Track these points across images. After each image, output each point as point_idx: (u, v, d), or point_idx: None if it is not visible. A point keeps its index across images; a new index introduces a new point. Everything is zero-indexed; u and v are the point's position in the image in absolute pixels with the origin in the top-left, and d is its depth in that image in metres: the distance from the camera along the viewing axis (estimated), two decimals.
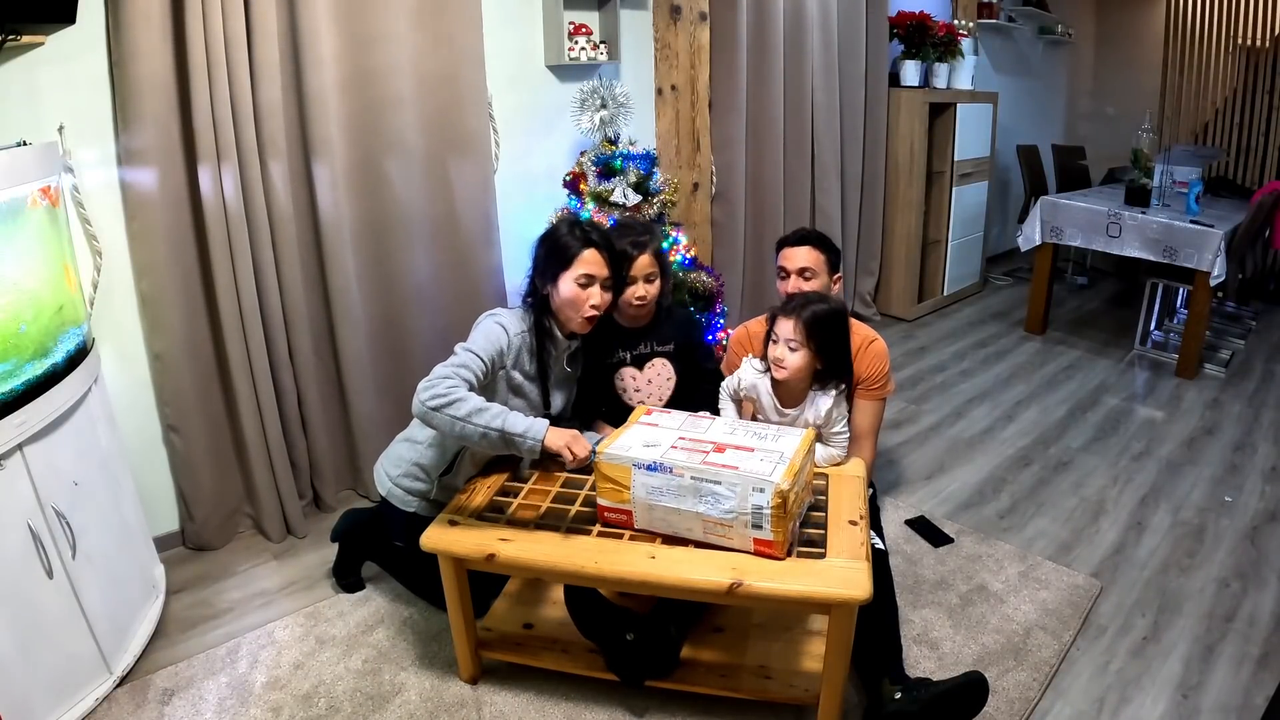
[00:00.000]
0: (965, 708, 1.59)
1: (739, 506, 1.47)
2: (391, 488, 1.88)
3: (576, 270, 1.76)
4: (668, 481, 1.52)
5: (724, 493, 1.48)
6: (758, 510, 1.46)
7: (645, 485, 1.54)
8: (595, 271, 1.77)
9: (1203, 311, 3.50)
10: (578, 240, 1.78)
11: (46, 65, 1.86)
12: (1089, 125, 6.10)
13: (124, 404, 2.05)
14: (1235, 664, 1.82)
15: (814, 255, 2.15)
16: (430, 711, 1.68)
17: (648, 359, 2.10)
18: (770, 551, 1.49)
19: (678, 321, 2.17)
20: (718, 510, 1.49)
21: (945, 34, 4.13)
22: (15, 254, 1.52)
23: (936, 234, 4.47)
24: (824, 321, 1.82)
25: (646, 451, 1.56)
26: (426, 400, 1.57)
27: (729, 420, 1.74)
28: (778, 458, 1.51)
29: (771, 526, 1.46)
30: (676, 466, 1.51)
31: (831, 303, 1.87)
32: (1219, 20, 5.22)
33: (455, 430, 1.57)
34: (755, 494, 1.45)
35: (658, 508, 1.55)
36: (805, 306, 1.83)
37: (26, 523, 1.52)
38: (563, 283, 1.77)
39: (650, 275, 1.99)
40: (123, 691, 1.73)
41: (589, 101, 2.62)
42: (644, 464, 1.53)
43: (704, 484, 1.49)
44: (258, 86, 2.07)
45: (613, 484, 1.57)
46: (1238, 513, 2.46)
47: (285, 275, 2.22)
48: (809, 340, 1.81)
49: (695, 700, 1.66)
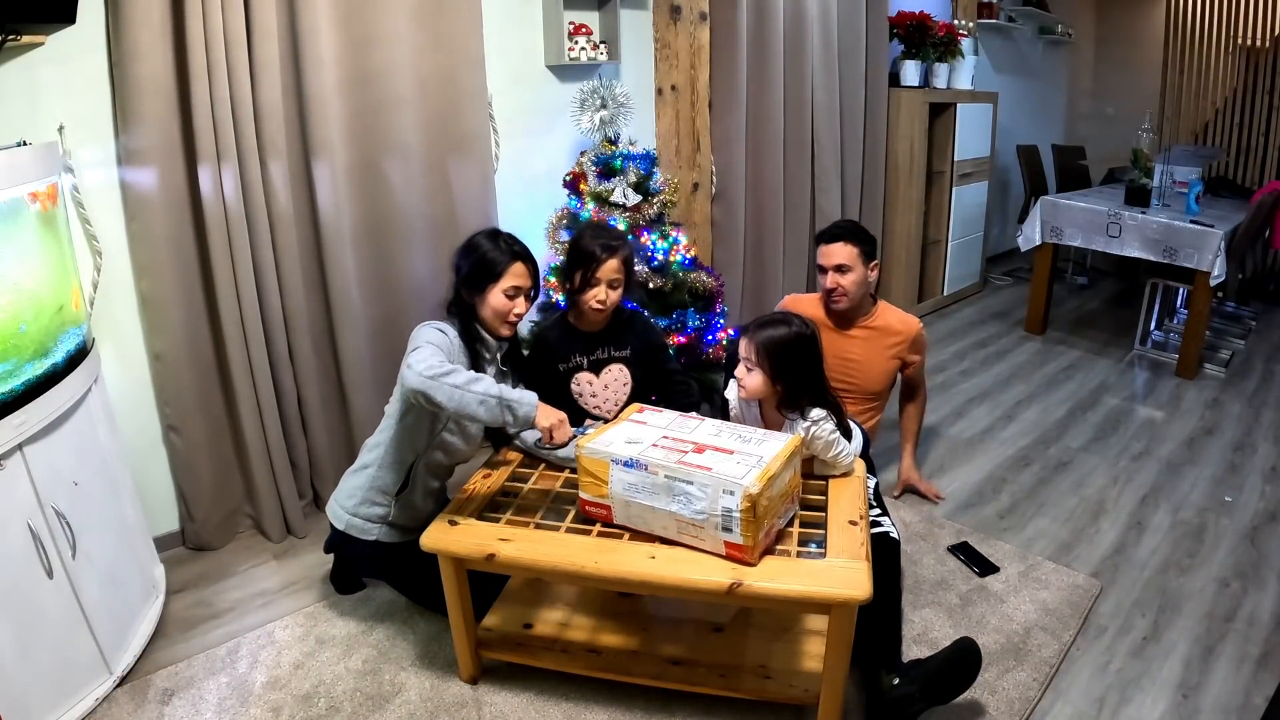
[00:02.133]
0: (961, 675, 1.61)
1: (709, 508, 1.46)
2: (350, 519, 1.88)
3: (505, 282, 1.84)
4: (643, 479, 1.52)
5: (695, 493, 1.47)
6: (727, 513, 1.44)
7: (622, 481, 1.55)
8: (521, 283, 1.87)
9: (1203, 311, 3.50)
10: (504, 254, 1.85)
11: (46, 65, 1.86)
12: (1089, 125, 6.10)
13: (124, 404, 2.05)
14: (1235, 664, 1.82)
15: (848, 250, 2.27)
16: (430, 711, 1.68)
17: (605, 364, 2.10)
18: (741, 556, 1.47)
19: (635, 327, 2.15)
20: (689, 510, 1.49)
21: (945, 34, 4.13)
22: (15, 254, 1.52)
23: (936, 234, 4.48)
24: (779, 345, 1.75)
25: (626, 448, 1.56)
26: (423, 371, 1.57)
27: (718, 422, 1.73)
28: (755, 461, 1.50)
29: (741, 530, 1.44)
30: (652, 464, 1.51)
31: (794, 326, 1.77)
32: (1219, 20, 5.22)
33: (454, 399, 1.57)
34: (725, 496, 1.44)
35: (634, 504, 1.56)
36: (763, 328, 1.78)
37: (26, 523, 1.52)
38: (491, 294, 1.84)
39: (615, 281, 1.99)
40: (123, 691, 1.73)
41: (589, 101, 2.62)
42: (621, 460, 1.54)
43: (677, 483, 1.49)
44: (258, 87, 2.07)
45: (592, 478, 1.59)
46: (1238, 513, 2.46)
47: (285, 275, 2.22)
48: (762, 362, 1.76)
49: (695, 700, 1.66)
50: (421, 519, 1.78)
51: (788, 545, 1.56)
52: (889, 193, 4.26)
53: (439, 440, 1.87)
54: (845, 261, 2.26)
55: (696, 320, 2.68)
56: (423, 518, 1.78)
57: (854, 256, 2.26)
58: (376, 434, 1.92)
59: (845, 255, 2.26)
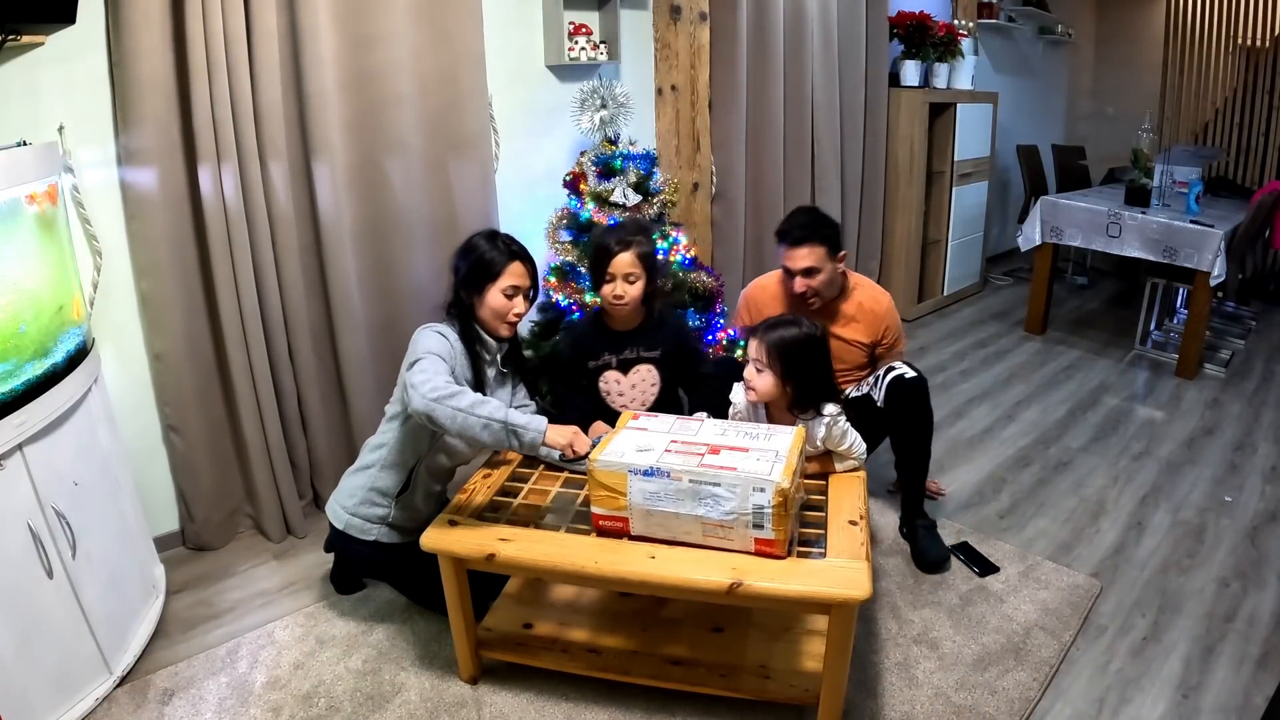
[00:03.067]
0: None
1: (740, 507, 1.47)
2: (349, 519, 1.88)
3: (503, 282, 1.84)
4: (665, 486, 1.51)
5: (724, 494, 1.47)
6: (759, 510, 1.46)
7: (642, 491, 1.53)
8: (519, 282, 1.86)
9: (1203, 311, 3.49)
10: (502, 253, 1.85)
11: (46, 65, 1.86)
12: (1089, 125, 6.10)
13: (124, 404, 2.05)
14: (1235, 664, 1.82)
15: (814, 253, 2.16)
16: (430, 711, 1.68)
17: (633, 364, 2.10)
18: (772, 550, 1.49)
19: (668, 328, 2.15)
20: (718, 512, 1.49)
21: (945, 34, 4.13)
22: (15, 254, 1.52)
23: (936, 234, 4.47)
24: (789, 347, 1.76)
25: (641, 456, 1.54)
26: (427, 393, 1.58)
27: (717, 421, 1.73)
28: (774, 456, 1.51)
29: (773, 525, 1.46)
30: (674, 470, 1.50)
31: (803, 327, 1.79)
32: (1219, 20, 5.22)
33: (456, 422, 1.57)
34: (756, 494, 1.45)
35: (656, 513, 1.54)
36: (773, 329, 1.78)
37: (26, 523, 1.52)
38: (490, 294, 1.84)
39: (630, 275, 1.98)
40: (123, 691, 1.73)
41: (589, 101, 2.62)
42: (640, 469, 1.52)
43: (703, 486, 1.48)
44: (258, 87, 2.07)
45: (608, 491, 1.56)
46: (1238, 513, 2.46)
47: (285, 275, 2.22)
48: (773, 363, 1.76)
49: (695, 700, 1.66)
50: (421, 520, 1.78)
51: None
52: (889, 193, 4.26)
53: (441, 443, 1.87)
54: (813, 264, 2.16)
55: (696, 320, 2.69)
56: (422, 519, 1.78)
57: (821, 257, 2.16)
58: (378, 435, 1.92)
59: (812, 259, 2.16)
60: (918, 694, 1.72)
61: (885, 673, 1.78)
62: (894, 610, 1.99)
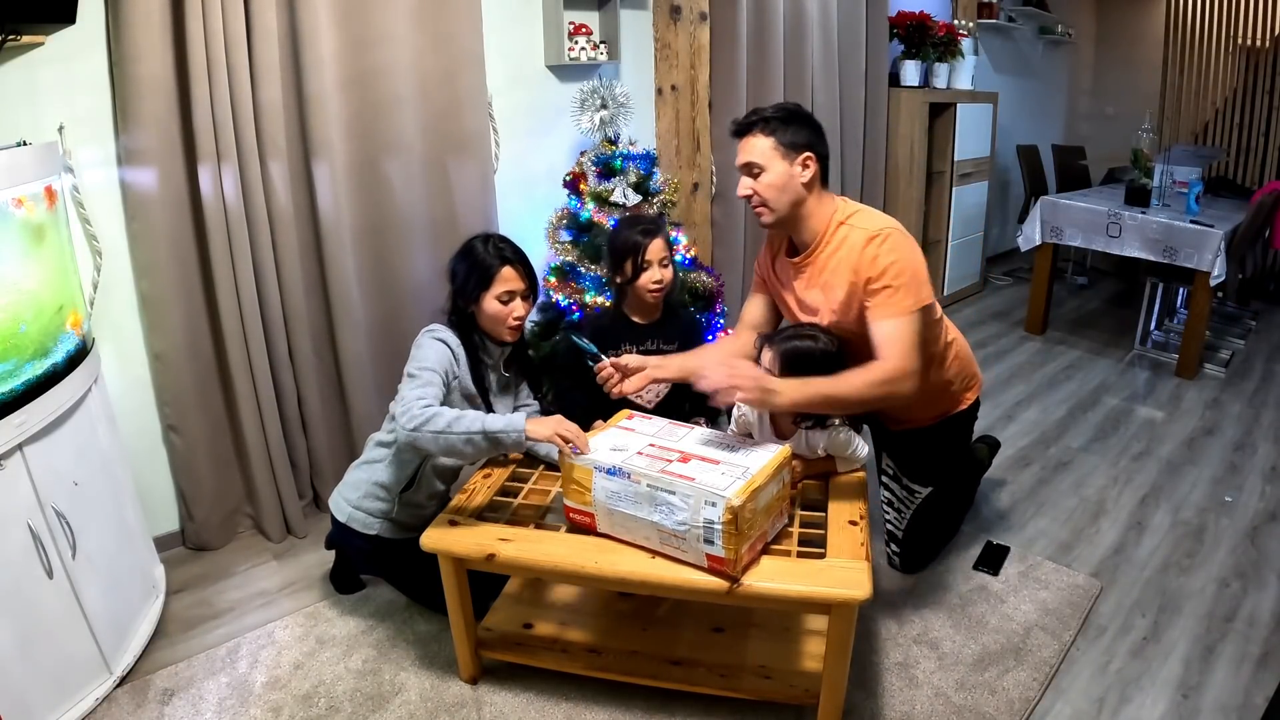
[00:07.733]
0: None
1: (691, 519, 1.42)
2: (352, 512, 1.88)
3: (497, 288, 1.82)
4: (625, 487, 1.49)
5: (678, 504, 1.43)
6: (709, 525, 1.40)
7: (605, 489, 1.52)
8: (514, 287, 1.84)
9: (1203, 311, 3.49)
10: (494, 259, 1.83)
11: (46, 65, 1.85)
12: (1089, 125, 6.10)
13: (124, 404, 2.05)
14: (1235, 664, 1.82)
15: (755, 145, 1.67)
16: (430, 711, 1.68)
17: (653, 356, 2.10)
18: (723, 569, 1.43)
19: (682, 321, 2.19)
20: (671, 521, 1.45)
21: (945, 34, 4.14)
22: (15, 254, 1.52)
23: (936, 234, 4.47)
24: (804, 359, 1.70)
25: (610, 455, 1.53)
26: (406, 424, 1.59)
27: (709, 430, 1.71)
28: (740, 473, 1.46)
29: (723, 543, 1.40)
30: (635, 473, 1.48)
31: (820, 342, 1.73)
32: (1219, 20, 5.22)
33: (440, 444, 1.58)
34: (707, 508, 1.39)
35: (616, 513, 1.52)
36: (789, 339, 1.75)
37: (26, 523, 1.52)
38: (485, 301, 1.83)
39: (664, 260, 2.02)
40: (123, 691, 1.73)
41: (589, 101, 2.62)
42: (604, 467, 1.51)
43: (659, 493, 1.45)
44: (258, 87, 2.07)
45: (577, 485, 1.56)
46: (1238, 513, 2.46)
47: (285, 275, 2.22)
48: (785, 374, 1.70)
49: (695, 700, 1.66)
50: (423, 518, 1.78)
51: (788, 545, 1.56)
52: (889, 193, 4.26)
53: None
54: (752, 159, 1.67)
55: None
56: (424, 517, 1.77)
57: (768, 151, 1.65)
58: (383, 432, 1.91)
59: (754, 152, 1.66)
60: (918, 694, 1.72)
61: (885, 673, 1.78)
62: (894, 610, 1.98)
